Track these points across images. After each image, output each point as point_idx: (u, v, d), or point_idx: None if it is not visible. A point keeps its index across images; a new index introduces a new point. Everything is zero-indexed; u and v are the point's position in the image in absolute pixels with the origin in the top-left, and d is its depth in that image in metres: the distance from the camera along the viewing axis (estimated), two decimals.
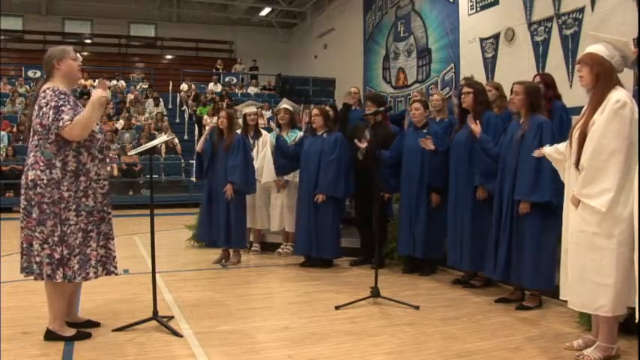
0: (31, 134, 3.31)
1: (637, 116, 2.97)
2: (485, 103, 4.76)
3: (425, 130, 5.22)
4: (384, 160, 5.27)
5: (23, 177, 3.29)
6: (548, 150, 3.48)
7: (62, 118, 3.18)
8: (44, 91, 3.28)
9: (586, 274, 3.02)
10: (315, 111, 5.73)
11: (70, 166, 3.26)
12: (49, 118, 3.19)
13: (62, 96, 3.26)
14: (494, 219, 4.28)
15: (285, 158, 5.74)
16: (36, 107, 3.27)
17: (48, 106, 3.20)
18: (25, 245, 3.30)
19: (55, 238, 3.24)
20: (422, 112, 5.29)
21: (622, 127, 2.94)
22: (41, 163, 3.23)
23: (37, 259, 3.24)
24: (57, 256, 3.24)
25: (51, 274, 3.24)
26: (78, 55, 3.51)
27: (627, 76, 3.48)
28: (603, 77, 3.07)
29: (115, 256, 3.50)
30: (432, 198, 5.11)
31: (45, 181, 3.22)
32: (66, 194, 3.24)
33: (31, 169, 3.25)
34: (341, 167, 5.46)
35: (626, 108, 2.95)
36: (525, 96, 4.09)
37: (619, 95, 2.99)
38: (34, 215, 3.23)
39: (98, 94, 3.35)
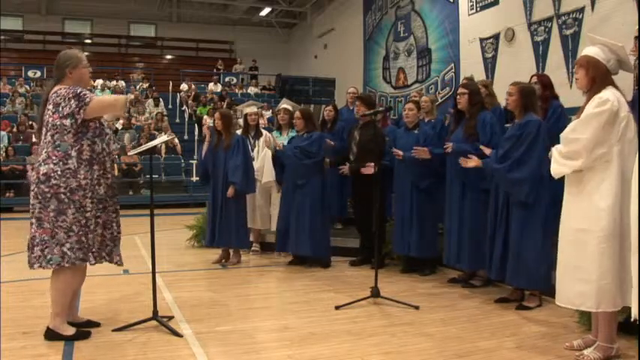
0: (44, 132, 3.37)
1: (622, 114, 3.00)
2: (481, 103, 4.77)
3: (416, 131, 5.24)
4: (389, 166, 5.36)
5: (34, 173, 3.36)
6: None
7: (88, 96, 3.31)
8: (57, 92, 3.35)
9: (570, 271, 3.08)
10: (296, 114, 5.80)
11: (85, 155, 3.36)
12: (71, 106, 3.29)
13: (78, 87, 3.37)
14: (489, 219, 4.28)
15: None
16: (50, 107, 3.35)
17: (67, 99, 3.30)
18: (45, 238, 3.29)
19: (80, 225, 3.32)
20: (415, 112, 5.32)
21: (600, 119, 2.98)
22: (54, 157, 3.30)
23: (67, 245, 3.30)
24: (84, 240, 3.34)
25: (84, 257, 3.34)
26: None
27: (627, 77, 3.48)
28: (599, 80, 3.10)
29: (108, 245, 3.53)
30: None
31: (59, 172, 3.29)
32: (83, 182, 3.34)
33: (44, 164, 3.31)
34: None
35: (607, 103, 2.99)
36: (519, 97, 4.13)
37: (606, 94, 3.03)
38: (52, 207, 3.29)
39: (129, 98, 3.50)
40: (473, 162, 4.32)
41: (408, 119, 5.31)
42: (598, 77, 3.10)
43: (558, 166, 3.15)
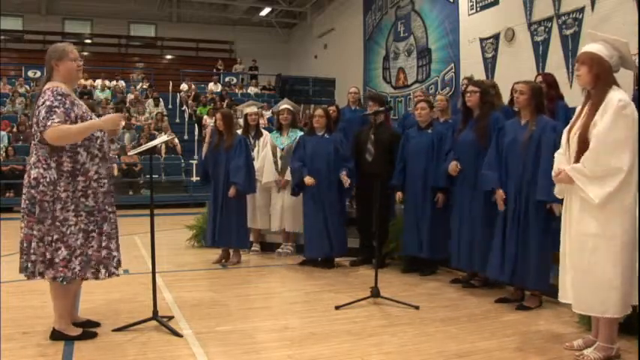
0: (34, 132, 3.31)
1: (637, 116, 2.97)
2: (491, 103, 4.71)
3: (429, 130, 5.21)
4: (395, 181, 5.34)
5: (26, 176, 3.30)
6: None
7: (52, 119, 3.16)
8: (44, 92, 3.28)
9: (591, 278, 2.99)
10: (319, 111, 5.76)
11: (66, 167, 3.25)
12: (39, 116, 3.19)
13: (59, 97, 3.24)
14: (499, 221, 4.21)
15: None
16: (36, 107, 3.28)
17: (43, 105, 3.21)
18: (25, 245, 3.29)
19: (49, 238, 3.23)
20: (427, 111, 5.26)
21: (628, 127, 2.92)
22: (43, 162, 3.25)
23: (32, 257, 3.24)
24: (48, 255, 3.23)
25: (43, 272, 3.24)
26: (78, 54, 3.50)
27: (626, 77, 3.48)
28: (603, 77, 3.05)
29: (115, 256, 3.45)
30: (437, 198, 5.08)
31: (47, 180, 3.23)
32: (63, 195, 3.24)
33: (34, 167, 3.26)
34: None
35: (629, 107, 2.94)
36: (530, 95, 4.05)
37: (620, 95, 2.98)
38: (35, 214, 3.23)
39: (114, 121, 3.39)
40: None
41: (421, 118, 5.26)
42: (602, 74, 3.05)
43: (600, 189, 2.92)
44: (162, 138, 5.78)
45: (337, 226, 5.55)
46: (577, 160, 3.07)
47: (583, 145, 3.03)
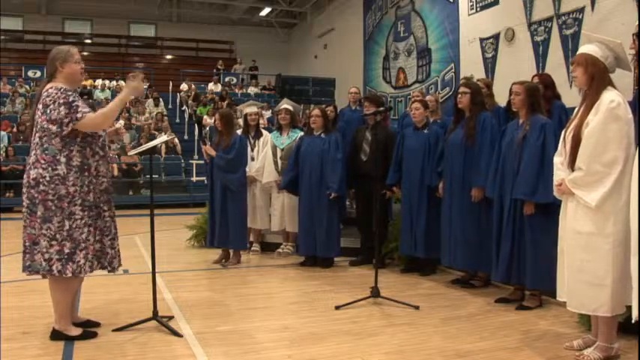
0: (33, 133, 3.33)
1: (630, 116, 2.98)
2: (482, 103, 4.75)
3: (426, 131, 5.23)
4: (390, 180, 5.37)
5: (25, 176, 3.32)
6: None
7: (80, 111, 3.24)
8: (47, 90, 3.30)
9: (583, 276, 3.02)
10: (315, 111, 5.75)
11: (75, 162, 3.30)
12: (59, 113, 3.22)
13: (70, 92, 3.30)
14: (494, 221, 4.24)
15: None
16: (40, 106, 3.29)
17: (56, 103, 3.24)
18: (27, 244, 3.30)
19: (64, 234, 3.26)
20: (422, 111, 5.29)
21: (619, 128, 2.95)
22: (42, 161, 3.25)
23: (46, 255, 3.25)
24: (67, 250, 3.26)
25: (62, 270, 3.26)
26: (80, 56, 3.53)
27: (626, 77, 3.48)
28: (597, 78, 3.08)
29: (108, 253, 3.47)
30: (437, 193, 5.07)
31: (48, 179, 3.24)
32: (72, 189, 3.27)
33: (33, 167, 3.27)
34: (345, 167, 5.55)
35: (620, 108, 2.96)
36: (525, 96, 4.08)
37: (612, 96, 3.00)
38: (38, 213, 3.25)
39: (135, 85, 3.50)
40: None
41: (416, 119, 5.29)
42: (596, 75, 3.07)
43: (595, 192, 2.95)
44: (162, 138, 5.78)
45: (327, 226, 5.51)
46: (571, 160, 3.09)
47: (576, 144, 3.06)
